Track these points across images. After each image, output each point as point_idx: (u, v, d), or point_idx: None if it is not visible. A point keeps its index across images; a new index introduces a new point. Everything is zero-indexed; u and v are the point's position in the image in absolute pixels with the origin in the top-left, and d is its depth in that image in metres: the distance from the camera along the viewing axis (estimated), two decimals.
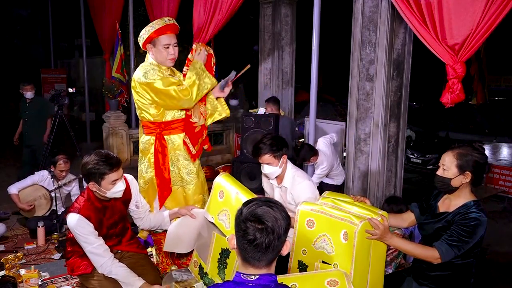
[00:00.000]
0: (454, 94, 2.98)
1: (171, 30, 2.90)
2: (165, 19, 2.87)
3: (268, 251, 1.38)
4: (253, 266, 1.42)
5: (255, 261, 1.40)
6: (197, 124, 3.02)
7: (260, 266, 1.41)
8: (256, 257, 1.39)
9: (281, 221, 1.39)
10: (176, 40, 2.95)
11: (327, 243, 2.11)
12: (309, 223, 2.21)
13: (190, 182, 3.05)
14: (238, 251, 1.44)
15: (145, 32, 2.87)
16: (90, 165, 2.40)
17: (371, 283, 2.10)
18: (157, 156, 2.99)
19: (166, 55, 2.90)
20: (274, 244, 1.38)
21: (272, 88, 6.39)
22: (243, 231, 1.39)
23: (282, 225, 1.40)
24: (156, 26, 2.84)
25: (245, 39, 12.80)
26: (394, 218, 2.44)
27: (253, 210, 1.40)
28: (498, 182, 6.10)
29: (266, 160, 2.84)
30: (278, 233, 1.38)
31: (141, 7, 8.34)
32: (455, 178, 2.11)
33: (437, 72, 9.79)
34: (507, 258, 4.02)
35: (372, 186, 4.26)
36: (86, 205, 2.49)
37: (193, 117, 2.99)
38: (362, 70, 4.14)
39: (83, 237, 2.46)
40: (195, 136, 3.02)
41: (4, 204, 4.90)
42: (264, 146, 2.82)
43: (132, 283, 2.52)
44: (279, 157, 2.84)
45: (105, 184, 2.43)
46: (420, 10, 3.15)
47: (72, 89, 6.66)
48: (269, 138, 2.86)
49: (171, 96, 2.84)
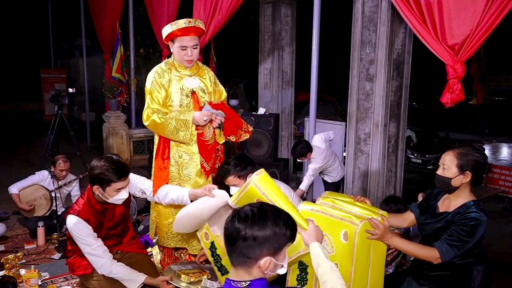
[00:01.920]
0: (454, 94, 2.98)
1: (193, 32, 2.84)
2: (187, 21, 2.79)
3: (235, 247, 1.34)
4: (233, 264, 1.39)
5: (230, 257, 1.37)
6: (209, 142, 2.99)
7: (235, 266, 1.37)
8: (229, 252, 1.37)
9: (262, 232, 1.32)
10: (196, 43, 2.89)
11: (327, 243, 2.11)
12: None
13: (187, 181, 3.04)
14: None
15: (166, 29, 2.84)
16: (98, 170, 2.38)
17: (371, 283, 2.10)
18: (160, 146, 3.00)
19: (182, 56, 2.89)
20: (239, 244, 1.33)
21: (272, 88, 6.38)
22: (229, 218, 1.39)
23: (258, 234, 1.32)
24: (175, 27, 2.79)
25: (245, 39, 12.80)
26: (394, 218, 2.44)
27: (248, 207, 1.40)
28: (498, 182, 6.09)
29: (231, 182, 2.78)
30: (245, 235, 1.32)
31: (141, 7, 8.35)
32: (455, 178, 2.11)
33: (437, 72, 9.78)
34: (507, 258, 4.02)
35: (372, 186, 4.26)
36: (85, 208, 2.49)
37: (204, 135, 2.98)
38: (362, 70, 4.14)
39: (81, 239, 2.46)
40: (208, 153, 3.00)
41: (4, 204, 4.90)
42: (228, 167, 2.75)
43: (134, 279, 2.52)
44: (245, 177, 2.74)
45: (109, 191, 2.42)
46: (420, 10, 3.15)
47: (72, 89, 6.67)
48: (233, 159, 2.79)
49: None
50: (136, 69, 8.03)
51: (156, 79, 2.92)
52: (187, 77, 2.98)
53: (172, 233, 3.08)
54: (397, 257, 3.13)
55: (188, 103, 2.95)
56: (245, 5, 4.58)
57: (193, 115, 2.83)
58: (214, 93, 3.11)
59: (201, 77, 3.05)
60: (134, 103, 7.99)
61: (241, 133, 3.09)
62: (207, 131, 2.96)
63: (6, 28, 14.44)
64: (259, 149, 4.54)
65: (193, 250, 3.11)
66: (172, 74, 2.95)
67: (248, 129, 3.13)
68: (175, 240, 3.11)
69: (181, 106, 2.93)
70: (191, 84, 2.98)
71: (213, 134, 2.99)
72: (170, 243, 3.11)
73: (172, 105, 2.93)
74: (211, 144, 3.01)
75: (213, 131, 2.98)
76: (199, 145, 2.97)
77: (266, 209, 1.40)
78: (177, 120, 2.83)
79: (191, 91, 2.97)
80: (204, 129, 2.94)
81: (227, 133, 3.05)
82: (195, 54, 2.92)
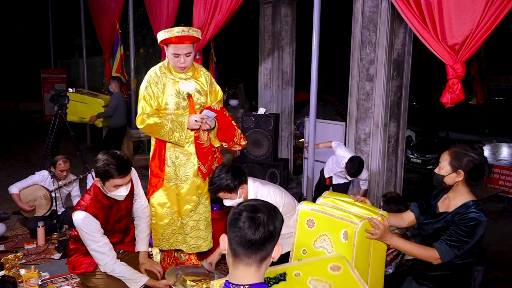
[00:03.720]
0: (454, 94, 2.98)
1: (187, 40, 2.82)
2: (180, 30, 2.77)
3: (256, 245, 1.33)
4: (243, 263, 1.35)
5: (245, 257, 1.34)
6: (205, 145, 3.02)
7: (250, 264, 1.35)
8: (245, 253, 1.34)
9: (275, 220, 1.36)
10: (190, 50, 2.87)
11: (327, 243, 2.11)
12: (309, 222, 2.21)
13: (184, 181, 3.04)
14: (229, 249, 1.39)
15: (160, 35, 2.83)
16: (100, 163, 2.42)
17: (371, 283, 2.10)
18: (156, 147, 3.02)
19: (175, 63, 2.90)
20: (264, 238, 1.33)
21: (272, 88, 6.38)
22: (235, 220, 1.35)
23: (276, 224, 1.36)
24: (168, 35, 2.78)
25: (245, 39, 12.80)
26: (394, 217, 2.44)
27: (251, 204, 1.39)
28: (498, 182, 6.09)
29: (225, 196, 2.79)
30: (270, 230, 1.34)
31: (141, 7, 8.35)
32: (448, 176, 2.13)
33: (437, 72, 9.79)
34: (507, 258, 4.01)
35: (372, 186, 4.26)
36: (92, 203, 2.50)
37: (200, 137, 3.00)
38: (362, 70, 4.14)
39: (89, 235, 2.46)
40: (204, 156, 3.02)
41: (4, 204, 4.90)
42: (219, 183, 2.70)
43: (137, 279, 2.53)
44: (237, 189, 2.75)
45: (108, 185, 2.44)
46: (420, 10, 3.15)
47: (72, 89, 6.67)
48: (224, 174, 2.71)
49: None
50: (136, 69, 8.02)
51: (151, 85, 2.92)
52: (183, 80, 2.98)
53: (168, 235, 3.09)
54: (397, 257, 3.13)
55: (185, 106, 2.95)
56: (245, 5, 4.58)
57: (188, 117, 2.85)
58: (210, 93, 3.11)
59: (196, 79, 3.05)
60: (134, 103, 7.99)
61: (233, 143, 3.12)
62: (201, 134, 2.98)
63: (6, 28, 14.43)
64: (259, 149, 4.53)
65: (191, 249, 3.12)
66: (167, 78, 2.95)
67: (241, 142, 3.15)
68: (169, 242, 3.11)
69: (177, 109, 2.93)
70: (186, 88, 2.99)
71: (207, 137, 3.01)
72: (164, 245, 3.11)
73: (167, 108, 2.93)
74: (207, 147, 3.04)
75: (207, 134, 3.00)
76: (196, 148, 2.99)
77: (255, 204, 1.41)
78: (172, 122, 2.85)
79: (187, 94, 2.97)
80: (199, 132, 2.97)
81: (220, 138, 3.09)
82: (188, 61, 2.91)
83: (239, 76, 12.65)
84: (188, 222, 3.09)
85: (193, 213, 3.09)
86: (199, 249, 3.15)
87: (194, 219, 3.10)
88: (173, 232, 3.10)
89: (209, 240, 3.18)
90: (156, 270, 2.76)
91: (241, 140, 3.15)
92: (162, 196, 3.05)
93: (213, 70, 7.70)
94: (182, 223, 3.09)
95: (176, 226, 3.09)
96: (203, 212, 3.13)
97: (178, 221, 3.09)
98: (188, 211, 3.07)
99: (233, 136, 3.09)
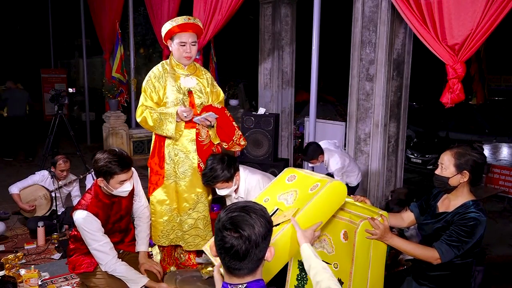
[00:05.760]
0: (454, 94, 2.98)
1: (192, 29, 2.90)
2: (186, 18, 2.87)
3: (247, 259, 1.34)
4: (236, 275, 1.37)
5: (236, 270, 1.36)
6: (205, 142, 3.04)
7: (242, 275, 1.37)
8: (236, 266, 1.35)
9: (259, 228, 1.34)
10: (195, 40, 2.96)
11: (327, 243, 2.11)
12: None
13: (183, 178, 3.05)
14: (220, 260, 1.40)
15: (167, 25, 2.90)
16: (101, 162, 2.43)
17: (371, 283, 2.10)
18: (156, 144, 3.04)
19: (181, 52, 2.93)
20: (252, 252, 1.33)
21: (272, 88, 6.39)
22: (220, 240, 1.36)
23: (260, 232, 1.34)
24: (174, 23, 2.86)
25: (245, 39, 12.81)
26: (394, 217, 2.44)
27: (230, 218, 1.36)
28: (498, 182, 6.08)
29: (221, 186, 2.85)
30: (255, 241, 1.33)
31: (141, 7, 8.37)
32: (453, 177, 2.11)
33: (437, 72, 9.79)
34: (507, 258, 4.01)
35: (372, 186, 4.26)
36: (93, 202, 2.51)
37: (200, 135, 3.02)
38: (362, 70, 4.14)
39: (90, 234, 2.46)
40: (204, 153, 3.04)
41: (4, 204, 4.90)
42: (216, 175, 2.76)
43: (137, 280, 2.54)
44: (232, 178, 2.83)
45: (113, 183, 2.45)
46: (420, 10, 3.15)
47: (72, 89, 6.68)
48: (219, 165, 2.76)
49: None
50: (136, 69, 8.03)
51: (152, 79, 2.97)
52: (184, 76, 3.02)
53: (168, 231, 3.10)
54: (397, 257, 3.13)
55: (184, 100, 2.97)
56: (245, 5, 4.58)
57: (178, 108, 2.87)
58: (212, 94, 3.14)
59: (198, 77, 3.09)
60: (134, 103, 7.99)
61: (232, 144, 3.15)
62: (201, 131, 3.02)
63: (6, 28, 14.44)
64: (259, 149, 4.53)
65: (189, 246, 3.12)
66: (169, 74, 2.99)
67: (240, 142, 3.18)
68: (169, 239, 3.12)
69: (177, 105, 2.95)
70: (188, 84, 3.03)
71: (207, 134, 3.04)
72: (164, 241, 3.12)
73: (167, 102, 2.97)
74: (207, 144, 3.07)
75: (207, 131, 3.04)
76: (197, 145, 3.02)
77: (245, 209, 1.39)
78: (163, 114, 2.89)
79: (188, 90, 3.00)
80: (200, 129, 3.00)
81: (220, 137, 3.12)
82: (194, 51, 2.97)
83: (239, 76, 12.65)
84: (187, 220, 3.09)
85: (192, 211, 3.09)
86: (197, 247, 3.16)
87: (193, 217, 3.10)
88: (172, 228, 3.11)
89: (208, 239, 3.19)
90: (156, 270, 2.76)
91: (240, 140, 3.17)
92: (162, 193, 3.06)
93: (213, 70, 7.69)
94: (181, 220, 3.10)
95: (176, 222, 3.11)
96: (202, 211, 3.13)
97: (178, 218, 3.10)
98: (186, 208, 3.07)
99: (233, 135, 3.11)
